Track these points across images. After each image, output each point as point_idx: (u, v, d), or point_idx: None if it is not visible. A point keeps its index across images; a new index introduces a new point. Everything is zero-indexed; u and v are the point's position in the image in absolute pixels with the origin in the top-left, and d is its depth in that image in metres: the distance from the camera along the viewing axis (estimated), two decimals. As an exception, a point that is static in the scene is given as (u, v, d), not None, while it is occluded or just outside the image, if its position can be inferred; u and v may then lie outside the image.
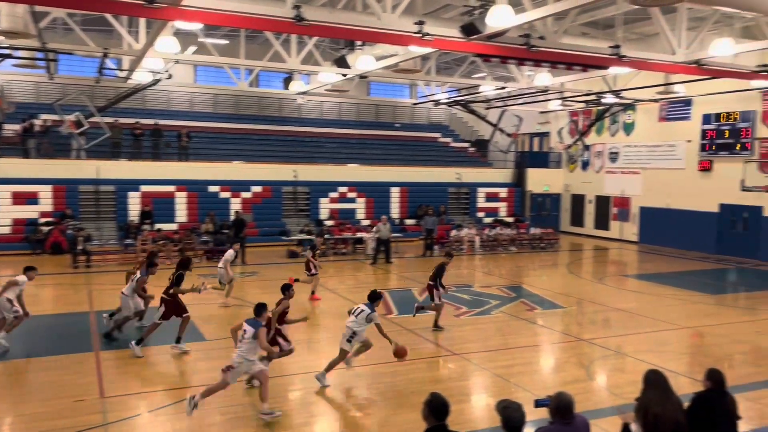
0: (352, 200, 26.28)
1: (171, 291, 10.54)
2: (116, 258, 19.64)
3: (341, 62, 17.42)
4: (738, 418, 5.47)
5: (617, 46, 14.12)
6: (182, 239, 20.83)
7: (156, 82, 20.60)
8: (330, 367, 9.03)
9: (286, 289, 9.42)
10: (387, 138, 31.39)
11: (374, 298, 9.32)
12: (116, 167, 23.14)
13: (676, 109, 24.67)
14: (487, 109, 27.29)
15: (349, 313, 9.27)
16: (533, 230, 25.74)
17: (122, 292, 11.14)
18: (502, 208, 29.04)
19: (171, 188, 23.40)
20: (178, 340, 10.49)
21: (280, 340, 9.22)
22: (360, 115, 33.18)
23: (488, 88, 22.76)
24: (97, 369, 9.49)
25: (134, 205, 22.65)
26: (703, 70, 15.50)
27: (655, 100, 23.67)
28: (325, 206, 25.77)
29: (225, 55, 20.23)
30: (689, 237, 23.82)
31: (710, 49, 14.29)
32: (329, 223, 24.67)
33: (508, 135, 28.30)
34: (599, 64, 15.29)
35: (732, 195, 22.01)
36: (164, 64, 19.00)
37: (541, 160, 31.41)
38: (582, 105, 26.02)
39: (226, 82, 25.51)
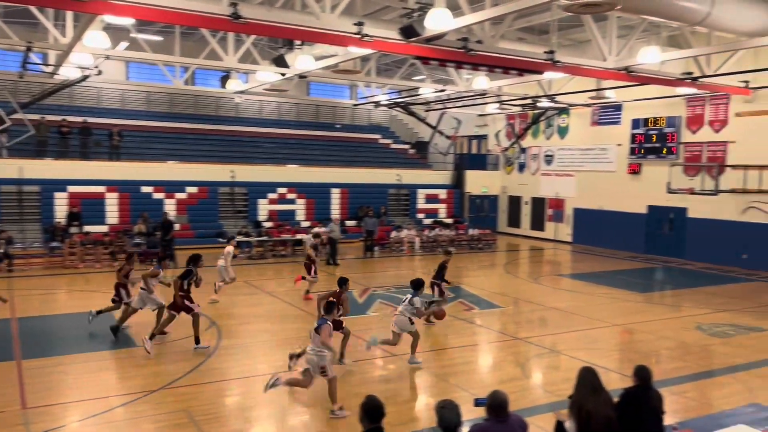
0: (292, 201, 25.99)
1: (184, 287, 10.65)
2: (41, 262, 18.76)
3: (280, 61, 17.19)
4: (662, 413, 5.67)
5: (552, 52, 14.46)
6: (113, 241, 20.08)
7: (85, 78, 19.76)
8: (414, 348, 9.96)
9: (344, 283, 10.03)
10: (327, 139, 31.21)
11: (418, 285, 10.30)
12: (41, 166, 22.07)
13: (608, 114, 25.56)
14: (427, 111, 27.54)
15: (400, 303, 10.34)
16: (472, 231, 26.14)
17: (142, 288, 11.20)
18: (442, 209, 29.35)
19: (101, 189, 22.50)
20: (197, 341, 10.58)
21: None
22: (300, 115, 32.87)
23: (428, 91, 22.94)
24: (18, 379, 8.99)
25: (61, 207, 21.64)
26: (632, 76, 16.07)
27: (588, 105, 24.45)
28: (264, 207, 25.37)
29: (159, 51, 19.61)
30: (620, 237, 24.71)
31: (639, 56, 14.82)
32: (268, 224, 24.29)
33: (447, 137, 28.66)
34: (535, 68, 15.62)
35: (659, 197, 22.95)
36: (93, 60, 18.25)
37: (480, 162, 31.94)
38: (518, 108, 26.61)
39: (161, 80, 24.75)
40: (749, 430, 5.89)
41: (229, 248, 14.95)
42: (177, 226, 22.76)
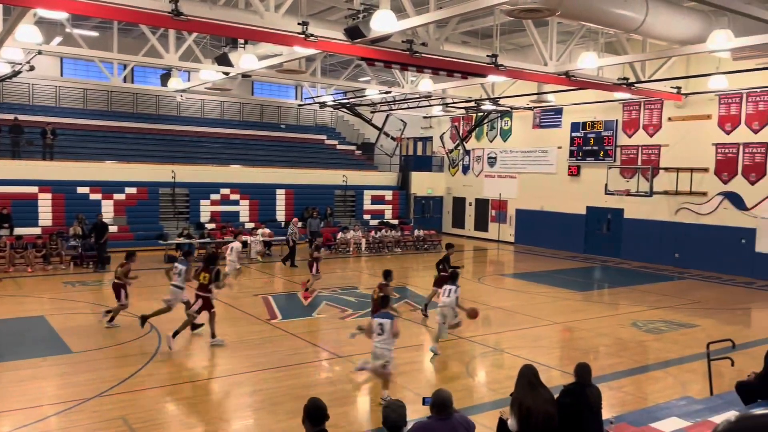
0: (235, 202, 25.56)
1: (209, 286, 10.92)
2: (-32, 265, 17.83)
3: (223, 60, 16.88)
4: (599, 409, 5.85)
5: (495, 56, 14.71)
6: (46, 244, 19.28)
7: (16, 74, 18.88)
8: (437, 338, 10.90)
9: (389, 275, 10.71)
10: (272, 139, 30.87)
11: (455, 276, 11.22)
12: (-32, 166, 21.02)
13: (549, 117, 26.22)
14: (373, 112, 27.59)
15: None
16: (417, 232, 26.33)
17: (173, 285, 11.51)
18: (388, 210, 29.46)
19: (33, 189, 21.56)
20: (213, 336, 10.86)
21: None
22: (243, 114, 32.36)
23: (373, 92, 22.99)
24: (-58, 390, 8.51)
25: (-10, 208, 20.65)
26: (571, 81, 16.53)
27: (530, 108, 25.00)
28: (206, 208, 24.85)
29: (95, 47, 18.91)
30: (560, 237, 25.37)
31: (578, 61, 15.26)
32: (210, 226, 23.81)
33: (393, 139, 28.77)
34: (478, 72, 15.85)
35: (597, 198, 23.69)
36: (25, 55, 17.47)
37: (425, 163, 32.24)
38: (462, 111, 26.98)
39: (97, 77, 23.93)
40: (681, 423, 6.13)
41: (236, 244, 16.57)
42: (116, 228, 22.10)
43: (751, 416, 0.82)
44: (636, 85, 17.68)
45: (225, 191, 25.32)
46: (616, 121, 23.51)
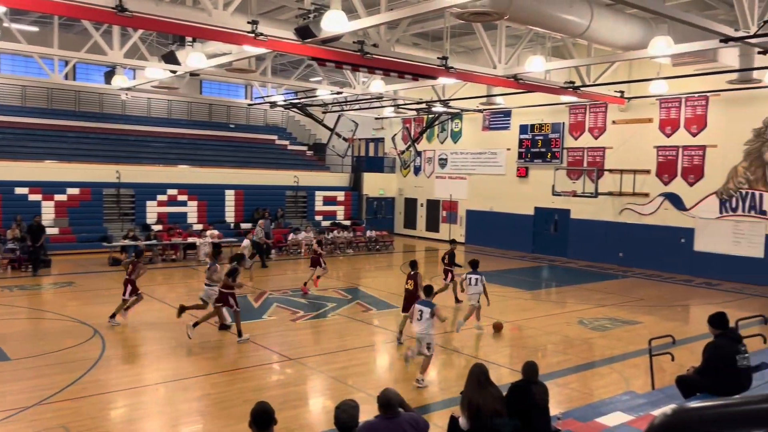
0: (183, 203, 25.01)
1: (231, 283, 11.26)
2: None
3: (170, 58, 16.51)
4: (546, 405, 5.97)
5: (445, 58, 14.85)
6: (-18, 247, 18.45)
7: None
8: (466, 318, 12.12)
9: (416, 265, 11.71)
10: (221, 139, 30.36)
11: (476, 264, 12.73)
12: None
13: (498, 120, 26.64)
14: (324, 113, 27.48)
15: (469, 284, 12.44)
16: (369, 233, 26.35)
17: (206, 283, 12.06)
18: (340, 211, 29.38)
19: (-32, 190, 20.65)
20: (239, 334, 11.18)
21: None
22: (192, 114, 31.72)
23: (325, 93, 22.89)
24: None
25: None
26: (519, 84, 16.84)
27: (479, 110, 25.36)
28: (153, 210, 24.25)
29: (35, 43, 18.21)
30: (509, 238, 25.81)
31: (526, 65, 15.55)
32: (157, 227, 23.24)
33: (345, 139, 28.72)
34: (429, 73, 15.97)
35: (545, 199, 24.21)
36: (-41, 49, 16.72)
37: (377, 164, 32.29)
38: (414, 113, 27.15)
39: (37, 74, 23.06)
40: (624, 417, 6.31)
41: (246, 242, 18.05)
42: (57, 230, 21.35)
43: (686, 409, 0.85)
44: (581, 88, 18.14)
45: (172, 192, 24.76)
46: (563, 123, 24.07)
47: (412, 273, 11.56)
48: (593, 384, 9.67)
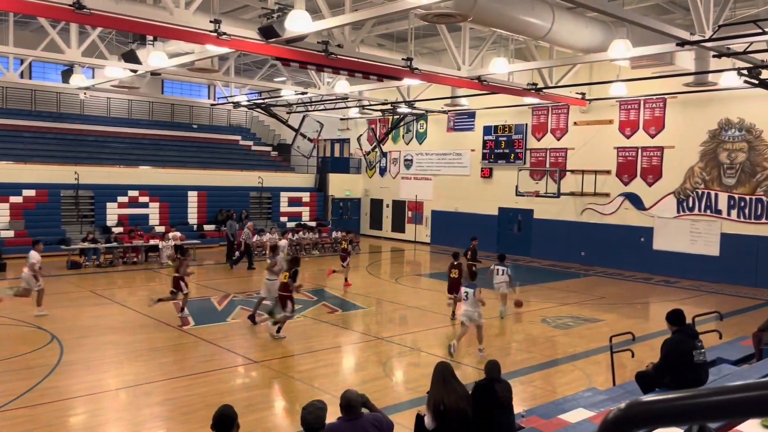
0: (145, 205, 24.56)
1: (290, 286, 11.86)
2: None
3: (130, 57, 16.20)
4: (510, 403, 6.04)
5: (410, 59, 14.91)
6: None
7: None
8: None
9: (458, 256, 13.81)
10: (183, 139, 29.89)
11: (503, 257, 14.03)
12: None
13: (462, 121, 26.86)
14: (289, 113, 27.30)
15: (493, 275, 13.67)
16: (335, 234, 26.27)
17: (267, 279, 12.93)
18: (305, 212, 29.22)
19: None
20: (278, 330, 11.74)
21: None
22: (153, 114, 31.14)
23: (289, 93, 22.74)
24: None
25: None
26: (483, 85, 17.00)
27: (444, 112, 25.53)
28: (113, 211, 23.74)
29: (-12, 40, 17.70)
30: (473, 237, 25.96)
31: (489, 66, 15.72)
32: (118, 230, 22.76)
33: (310, 140, 28.59)
34: (394, 74, 16.02)
35: (509, 199, 24.50)
36: None
37: (342, 165, 32.23)
38: (379, 113, 27.18)
39: (-9, 71, 22.34)
40: (586, 413, 6.41)
41: (284, 241, 18.54)
42: (12, 233, 20.77)
43: (639, 403, 0.86)
44: (544, 90, 18.41)
45: (133, 193, 24.28)
46: (526, 125, 24.39)
47: (456, 263, 13.82)
48: (556, 381, 9.81)
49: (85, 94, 25.39)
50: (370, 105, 25.26)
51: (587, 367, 10.43)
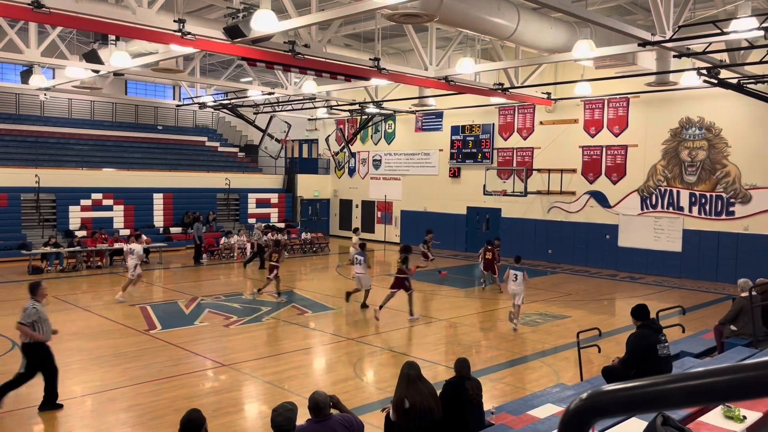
0: (109, 208, 24.07)
1: (402, 268, 13.69)
2: None
3: (92, 57, 15.87)
4: (480, 400, 6.09)
5: (377, 59, 14.92)
6: None
7: None
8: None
9: (492, 243, 17.14)
10: (148, 141, 29.41)
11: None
12: None
13: (430, 121, 26.98)
14: (256, 114, 27.07)
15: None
16: (304, 235, 26.15)
17: (357, 272, 14.69)
18: (274, 213, 29.01)
19: None
20: (411, 313, 13.53)
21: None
22: (116, 115, 30.56)
23: (256, 93, 22.55)
24: None
25: None
26: (450, 85, 17.10)
27: (412, 112, 25.61)
28: (76, 215, 23.21)
29: (-58, 39, 17.17)
30: (443, 237, 26.07)
31: (456, 66, 15.82)
32: (81, 233, 22.26)
33: (277, 141, 28.40)
34: (361, 74, 16.01)
35: (477, 199, 24.69)
36: None
37: (311, 166, 32.09)
38: (347, 114, 27.14)
39: (-54, 72, 21.69)
40: (555, 408, 6.49)
41: (355, 238, 19.51)
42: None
43: (600, 393, 0.88)
44: (510, 90, 18.60)
45: (97, 196, 23.78)
46: (493, 124, 24.62)
47: (489, 248, 17.24)
48: (526, 378, 9.92)
49: (45, 95, 24.78)
50: (338, 105, 25.20)
51: (555, 363, 10.57)
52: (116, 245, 21.01)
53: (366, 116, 26.59)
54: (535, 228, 23.23)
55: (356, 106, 24.54)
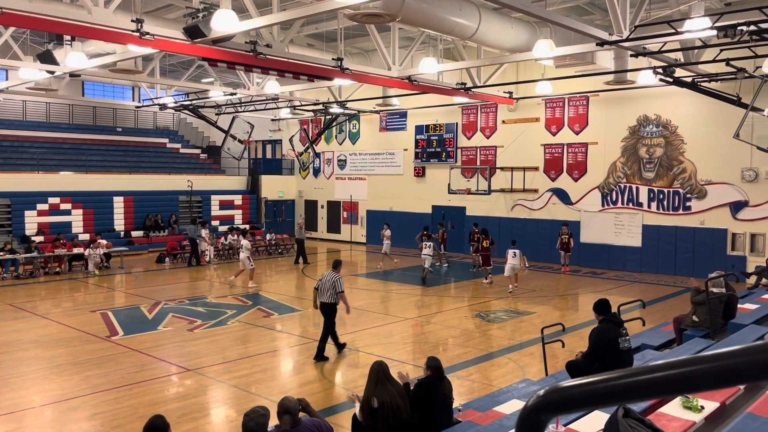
0: (67, 212, 23.48)
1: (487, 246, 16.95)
2: None
3: (46, 57, 15.44)
4: (452, 400, 6.13)
5: (340, 59, 14.87)
6: None
7: None
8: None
9: (487, 233, 18.82)
10: (107, 143, 28.77)
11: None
12: None
13: (394, 121, 27.04)
14: (218, 114, 26.72)
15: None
16: (269, 236, 25.93)
17: (425, 253, 17.63)
18: (238, 215, 28.70)
19: None
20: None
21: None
22: (73, 117, 29.82)
23: (218, 94, 22.26)
24: None
25: None
26: (413, 85, 17.16)
27: (376, 112, 25.62)
28: (33, 220, 22.56)
29: None
30: (409, 236, 26.17)
31: (419, 66, 15.88)
32: (38, 239, 21.66)
33: (240, 142, 28.10)
34: (324, 74, 15.93)
35: (442, 198, 24.84)
36: None
37: (275, 166, 31.84)
38: (311, 114, 27.00)
39: None
40: (520, 404, 6.57)
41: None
42: None
43: (557, 389, 0.89)
44: (473, 89, 18.74)
45: (54, 200, 23.17)
46: (456, 123, 24.80)
47: (482, 236, 19.24)
48: (492, 374, 10.02)
49: (-2, 97, 24.04)
50: (302, 105, 25.04)
51: (521, 359, 10.70)
52: (75, 251, 20.52)
53: (330, 116, 26.47)
54: (500, 225, 23.47)
55: (320, 107, 24.42)
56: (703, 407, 4.91)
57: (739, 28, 10.15)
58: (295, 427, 4.73)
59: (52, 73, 17.21)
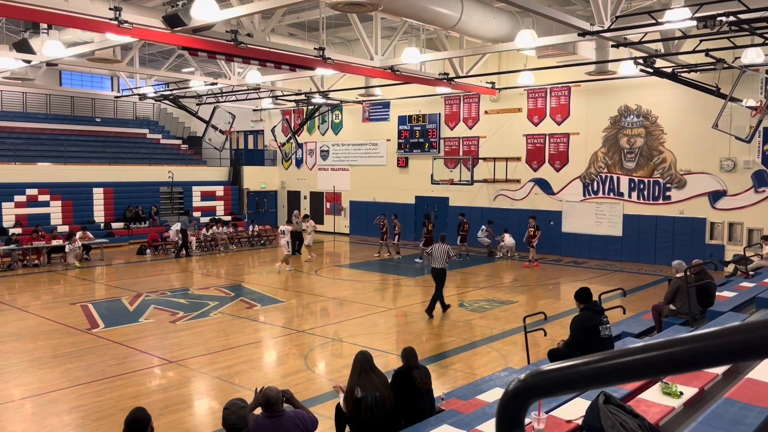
0: (45, 204, 23.16)
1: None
2: None
3: (22, 46, 15.17)
4: (429, 387, 6.15)
5: (322, 49, 14.77)
6: None
7: None
8: None
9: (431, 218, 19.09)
10: (86, 134, 28.38)
11: (491, 222, 19.61)
12: None
13: (377, 111, 26.96)
14: (199, 105, 26.44)
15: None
16: (252, 228, 25.80)
17: (479, 236, 18.88)
18: (220, 206, 28.51)
19: None
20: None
21: None
22: (51, 107, 29.35)
23: (198, 84, 22.03)
24: None
25: None
26: (396, 75, 17.10)
27: (359, 102, 25.53)
28: (10, 212, 22.23)
29: None
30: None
31: (402, 56, 15.83)
32: (16, 231, 21.35)
33: (222, 132, 27.86)
34: (306, 64, 15.81)
35: (425, 188, 24.85)
36: None
37: (257, 157, 31.63)
38: (293, 104, 26.82)
39: None
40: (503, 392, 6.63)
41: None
42: None
43: (539, 373, 0.90)
44: (455, 80, 18.75)
45: (32, 192, 22.84)
46: (439, 114, 24.79)
47: (464, 221, 20.94)
48: (475, 363, 10.09)
49: (-27, 86, 23.60)
50: (284, 95, 24.87)
51: (503, 348, 10.78)
52: (54, 242, 20.26)
53: (312, 107, 26.33)
54: (482, 216, 23.54)
55: (302, 97, 24.27)
56: (682, 393, 4.98)
57: (718, 18, 10.24)
58: (279, 417, 4.72)
59: (28, 62, 16.89)
